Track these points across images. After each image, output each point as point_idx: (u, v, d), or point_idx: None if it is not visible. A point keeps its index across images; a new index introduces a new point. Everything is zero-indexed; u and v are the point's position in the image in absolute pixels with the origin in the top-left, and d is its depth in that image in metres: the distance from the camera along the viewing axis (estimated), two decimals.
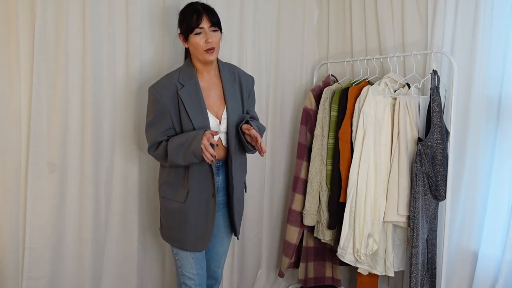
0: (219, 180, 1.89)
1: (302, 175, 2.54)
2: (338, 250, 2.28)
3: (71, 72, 2.06)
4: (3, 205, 1.94)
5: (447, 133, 2.14)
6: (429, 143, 2.06)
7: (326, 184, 2.42)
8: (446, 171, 2.10)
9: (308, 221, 2.47)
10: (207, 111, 1.80)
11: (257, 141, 1.75)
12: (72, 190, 2.10)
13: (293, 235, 2.56)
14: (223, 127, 1.84)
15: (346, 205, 2.23)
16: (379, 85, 2.24)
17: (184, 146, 1.70)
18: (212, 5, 2.38)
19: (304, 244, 2.63)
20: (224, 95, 1.85)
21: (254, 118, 2.02)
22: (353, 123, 2.26)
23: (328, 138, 2.41)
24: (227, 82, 1.87)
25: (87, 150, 2.10)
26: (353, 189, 2.20)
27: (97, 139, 2.13)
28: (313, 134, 2.49)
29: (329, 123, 2.41)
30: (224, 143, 1.87)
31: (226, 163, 1.89)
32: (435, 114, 2.07)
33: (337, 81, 2.64)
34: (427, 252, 2.18)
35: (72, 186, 2.10)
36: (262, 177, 2.76)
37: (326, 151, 2.42)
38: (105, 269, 2.26)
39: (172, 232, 1.88)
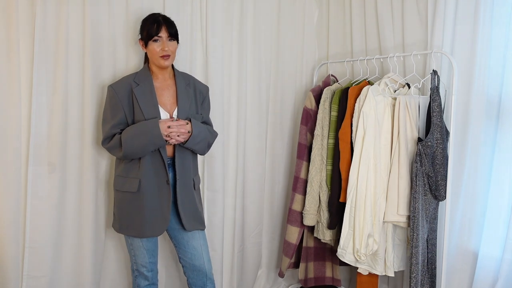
0: (171, 176, 1.99)
1: (302, 175, 2.54)
2: (338, 250, 2.28)
3: (71, 72, 2.06)
4: (3, 205, 1.95)
5: (447, 133, 2.14)
6: (429, 143, 2.06)
7: (326, 184, 2.42)
8: (446, 171, 2.10)
9: (308, 221, 2.47)
10: (160, 106, 1.96)
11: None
12: (72, 190, 2.10)
13: (293, 235, 2.56)
14: None
15: (346, 205, 2.23)
16: (379, 85, 2.24)
17: (141, 135, 1.87)
18: (212, 5, 2.42)
19: (304, 244, 2.63)
20: (176, 95, 2.01)
21: (207, 123, 2.15)
22: (353, 123, 2.26)
23: (328, 138, 2.41)
24: (180, 85, 2.03)
25: (87, 150, 2.11)
26: (353, 189, 2.20)
27: (97, 139, 2.13)
28: (313, 134, 2.49)
29: (329, 123, 2.41)
30: None
31: (174, 159, 2.01)
32: (435, 114, 2.07)
33: (337, 81, 2.64)
34: (427, 252, 2.18)
35: (72, 186, 2.10)
36: (262, 177, 2.77)
37: (326, 151, 2.42)
38: (105, 269, 2.27)
39: (128, 222, 1.98)
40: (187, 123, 1.93)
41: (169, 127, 1.87)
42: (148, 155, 1.92)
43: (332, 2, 2.89)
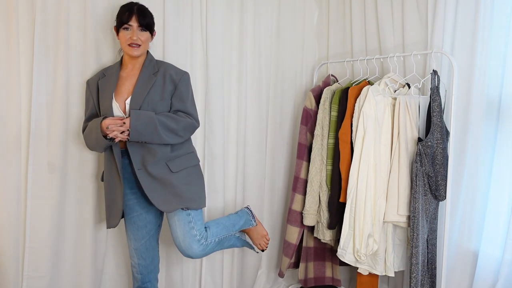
0: (126, 163, 1.99)
1: (302, 175, 2.54)
2: (338, 250, 2.28)
3: (71, 72, 2.06)
4: (3, 205, 1.95)
5: (447, 133, 2.14)
6: (429, 143, 2.06)
7: (326, 184, 2.42)
8: (446, 171, 2.10)
9: (308, 221, 2.47)
10: (114, 96, 1.96)
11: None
12: (72, 190, 2.10)
13: (293, 235, 2.56)
14: (128, 112, 1.95)
15: (346, 205, 2.23)
16: (379, 85, 2.24)
17: (91, 133, 1.92)
18: (212, 5, 2.42)
19: (304, 244, 2.63)
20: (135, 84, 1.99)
21: (181, 111, 2.02)
22: (353, 123, 2.26)
23: (328, 138, 2.41)
24: (144, 74, 1.99)
25: (87, 150, 2.10)
26: (353, 189, 2.20)
27: None
28: (313, 134, 2.49)
29: (329, 123, 2.41)
30: None
31: None
32: (435, 114, 2.07)
33: (337, 81, 2.64)
34: (427, 252, 2.18)
35: (72, 186, 2.10)
36: (262, 177, 2.76)
37: (326, 151, 2.42)
38: (105, 269, 2.27)
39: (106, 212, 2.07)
40: (124, 122, 1.85)
41: (107, 128, 1.83)
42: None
43: (332, 2, 2.89)
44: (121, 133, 1.84)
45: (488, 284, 2.12)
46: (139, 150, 1.94)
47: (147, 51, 2.04)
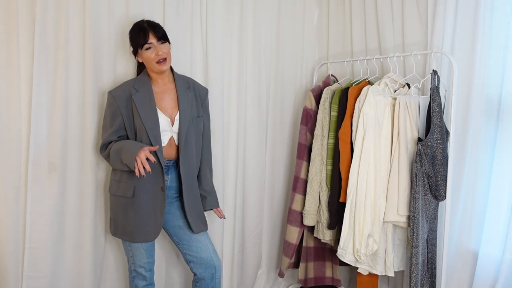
0: (169, 178, 2.00)
1: (302, 175, 2.54)
2: (338, 250, 2.28)
3: (71, 72, 2.06)
4: (3, 205, 1.95)
5: (447, 133, 2.14)
6: (429, 143, 2.06)
7: (326, 184, 2.42)
8: (446, 171, 2.11)
9: (308, 221, 2.47)
10: (159, 111, 1.95)
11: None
12: (72, 191, 2.10)
13: (293, 235, 2.56)
14: (175, 127, 1.98)
15: (346, 205, 2.23)
16: (379, 85, 2.24)
17: (121, 154, 1.85)
18: (212, 5, 2.41)
19: (304, 244, 2.63)
20: (177, 99, 2.01)
21: (207, 136, 2.15)
22: (353, 123, 2.26)
23: (328, 138, 2.41)
24: (181, 89, 2.03)
25: (87, 150, 2.11)
26: (353, 189, 2.20)
27: (97, 140, 2.13)
28: (313, 134, 2.49)
29: (329, 123, 2.41)
30: (176, 142, 2.00)
31: (177, 162, 2.01)
32: (435, 114, 2.07)
33: (337, 81, 2.64)
34: (427, 252, 2.18)
35: (72, 187, 2.10)
36: (262, 177, 2.77)
37: (326, 151, 2.42)
38: (105, 269, 2.27)
39: (122, 227, 1.99)
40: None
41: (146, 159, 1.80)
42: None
43: (332, 2, 2.89)
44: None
45: (488, 284, 2.12)
46: (188, 159, 1.99)
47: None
